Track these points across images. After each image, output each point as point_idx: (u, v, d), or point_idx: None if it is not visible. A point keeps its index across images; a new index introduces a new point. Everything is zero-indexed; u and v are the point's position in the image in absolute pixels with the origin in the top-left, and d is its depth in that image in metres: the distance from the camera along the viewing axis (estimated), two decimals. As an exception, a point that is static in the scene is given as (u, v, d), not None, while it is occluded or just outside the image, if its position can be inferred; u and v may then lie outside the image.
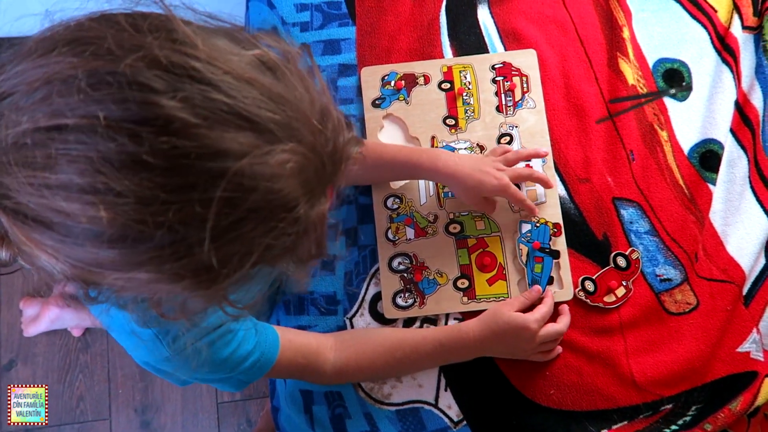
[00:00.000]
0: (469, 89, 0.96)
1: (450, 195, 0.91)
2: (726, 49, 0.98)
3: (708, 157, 0.94)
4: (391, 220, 0.91)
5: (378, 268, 0.90)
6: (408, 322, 0.89)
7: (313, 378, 0.84)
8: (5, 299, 1.50)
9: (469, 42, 0.99)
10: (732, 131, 0.96)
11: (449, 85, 0.96)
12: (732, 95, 0.96)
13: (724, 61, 0.98)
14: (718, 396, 0.87)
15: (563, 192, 0.92)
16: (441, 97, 0.96)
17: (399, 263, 0.90)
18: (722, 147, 0.94)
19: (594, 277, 0.89)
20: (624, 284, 0.89)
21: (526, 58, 0.97)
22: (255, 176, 0.41)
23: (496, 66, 0.97)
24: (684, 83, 0.97)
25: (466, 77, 0.96)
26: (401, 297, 0.89)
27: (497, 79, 0.96)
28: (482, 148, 0.93)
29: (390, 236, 0.91)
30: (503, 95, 0.95)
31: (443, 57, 0.98)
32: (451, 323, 0.88)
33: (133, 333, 0.64)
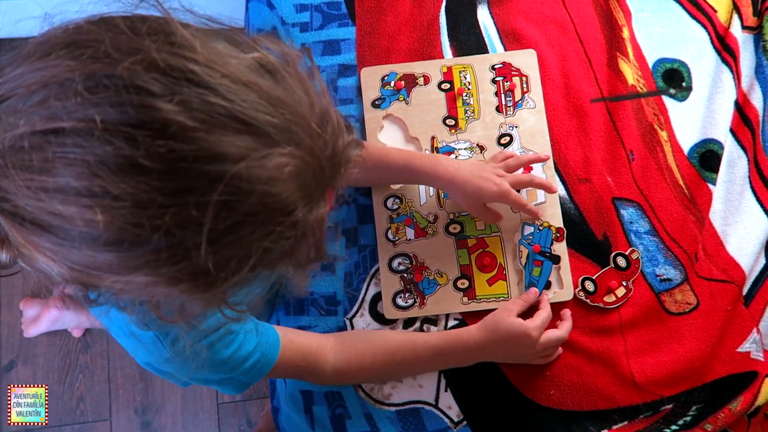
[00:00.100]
0: (469, 89, 0.96)
1: (450, 195, 0.91)
2: (726, 49, 0.98)
3: (708, 157, 0.94)
4: (391, 221, 0.91)
5: (378, 269, 0.90)
6: (408, 323, 0.89)
7: (313, 378, 0.84)
8: (6, 300, 1.50)
9: (469, 42, 0.99)
10: (732, 131, 0.96)
11: (449, 86, 0.96)
12: (732, 95, 0.96)
13: (724, 61, 0.98)
14: (719, 396, 0.87)
15: (563, 192, 0.92)
16: (441, 98, 0.96)
17: (399, 263, 0.90)
18: (722, 147, 0.94)
19: (594, 277, 0.89)
20: (624, 284, 0.89)
21: (526, 59, 0.97)
22: (252, 180, 0.41)
23: (496, 66, 0.97)
24: (684, 84, 0.97)
25: (466, 77, 0.96)
26: (401, 297, 0.89)
27: (497, 80, 0.96)
28: (482, 149, 0.93)
29: (390, 236, 0.91)
30: (503, 95, 0.95)
31: (443, 57, 0.98)
32: (451, 323, 0.89)
33: (133, 335, 0.64)
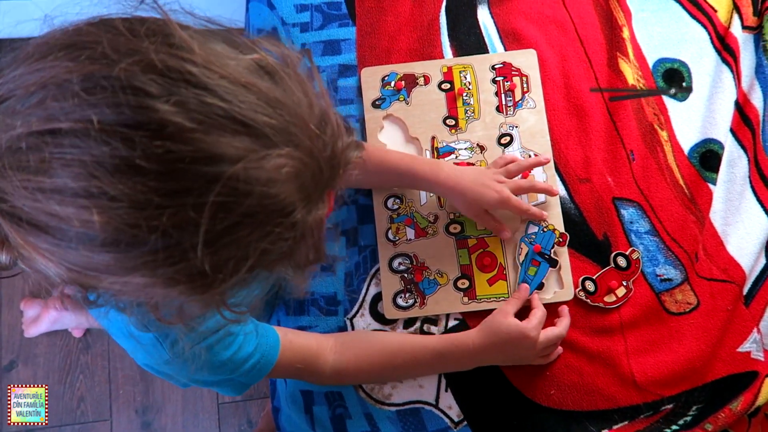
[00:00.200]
0: (469, 89, 0.96)
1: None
2: (726, 49, 0.98)
3: (708, 157, 0.94)
4: (392, 221, 0.91)
5: (378, 269, 0.90)
6: (408, 323, 0.89)
7: (313, 379, 0.84)
8: (6, 300, 1.50)
9: (469, 42, 0.99)
10: (732, 131, 0.96)
11: (449, 86, 0.96)
12: (732, 95, 0.96)
13: (724, 61, 0.98)
14: (719, 396, 0.87)
15: (563, 192, 0.92)
16: (441, 98, 0.96)
17: (399, 263, 0.90)
18: (722, 147, 0.94)
19: (594, 277, 0.89)
20: (624, 284, 0.89)
21: (526, 58, 0.97)
22: (250, 181, 0.41)
23: (496, 66, 0.97)
24: (684, 84, 0.97)
25: (466, 77, 0.96)
26: (402, 297, 0.89)
27: (497, 80, 0.96)
28: (482, 148, 0.93)
29: (390, 237, 0.91)
30: (503, 95, 0.95)
31: (443, 57, 0.98)
32: (452, 323, 0.89)
33: (132, 336, 0.64)
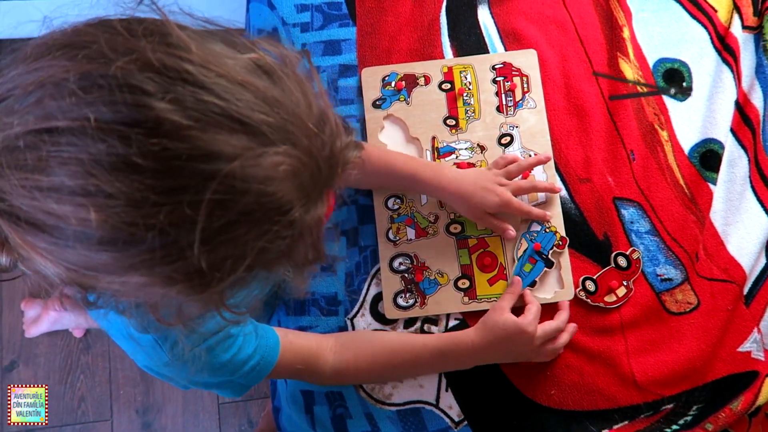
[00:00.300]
0: (470, 89, 0.96)
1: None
2: (726, 49, 0.98)
3: (708, 157, 0.94)
4: (392, 221, 0.91)
5: (379, 269, 0.90)
6: (409, 322, 0.89)
7: (313, 379, 0.84)
8: (7, 300, 1.51)
9: (470, 42, 0.99)
10: (732, 131, 0.96)
11: (450, 86, 0.96)
12: (732, 95, 0.96)
13: (725, 61, 0.98)
14: (719, 396, 0.87)
15: (564, 192, 0.92)
16: (441, 98, 0.96)
17: (400, 263, 0.90)
18: (722, 147, 0.94)
19: (595, 277, 0.89)
20: (625, 284, 0.89)
21: (527, 59, 0.97)
22: (247, 178, 0.41)
23: (497, 66, 0.97)
24: (684, 84, 0.97)
25: (467, 77, 0.96)
26: (402, 297, 0.89)
27: (498, 80, 0.96)
28: (483, 149, 0.93)
29: (391, 237, 0.91)
30: (504, 95, 0.95)
31: (444, 57, 0.98)
32: (452, 323, 0.89)
33: (132, 338, 0.64)
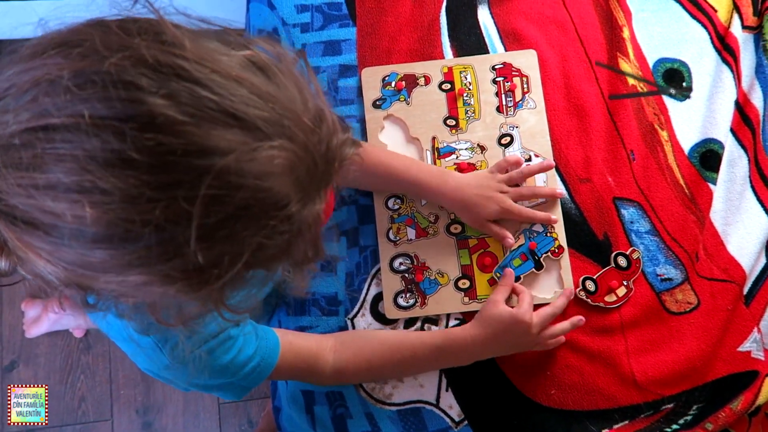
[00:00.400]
0: (470, 90, 0.96)
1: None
2: (726, 49, 0.98)
3: (708, 157, 0.94)
4: (392, 221, 0.91)
5: (379, 269, 0.90)
6: (409, 323, 0.89)
7: (313, 379, 0.84)
8: (7, 300, 1.51)
9: (470, 42, 0.99)
10: (732, 131, 0.96)
11: (450, 86, 0.96)
12: (732, 95, 0.97)
13: (724, 61, 0.98)
14: (719, 395, 0.87)
15: (564, 192, 0.92)
16: (441, 98, 0.96)
17: (400, 264, 0.90)
18: (722, 146, 0.94)
19: (595, 277, 0.89)
20: (625, 284, 0.89)
21: (527, 59, 0.97)
22: (242, 173, 0.40)
23: (497, 66, 0.97)
24: (684, 84, 0.97)
25: (467, 78, 0.96)
26: (402, 297, 0.89)
27: (497, 80, 0.96)
28: (483, 149, 0.93)
29: (391, 237, 0.91)
30: (504, 96, 0.95)
31: (444, 58, 0.98)
32: (452, 323, 0.89)
33: (132, 339, 0.64)
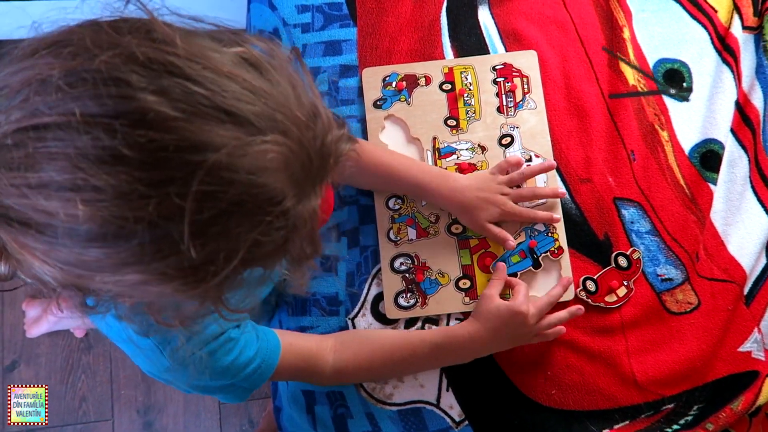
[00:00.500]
0: (470, 90, 0.96)
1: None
2: (726, 50, 0.98)
3: (709, 157, 0.94)
4: (393, 221, 0.91)
5: (380, 269, 0.91)
6: (410, 323, 0.89)
7: (314, 380, 0.84)
8: (8, 300, 1.51)
9: (470, 43, 0.99)
10: (732, 131, 0.96)
11: (450, 86, 0.96)
12: (732, 95, 0.97)
13: (725, 62, 0.98)
14: (720, 395, 0.87)
15: (565, 191, 0.92)
16: (442, 98, 0.96)
17: (401, 264, 0.90)
18: (723, 147, 0.94)
19: (595, 277, 0.89)
20: (625, 284, 0.89)
21: (527, 59, 0.97)
22: (235, 168, 0.40)
23: (497, 67, 0.97)
24: (684, 84, 0.97)
25: (467, 78, 0.96)
26: (403, 297, 0.89)
27: (498, 80, 0.96)
28: (483, 149, 0.94)
29: (392, 237, 0.91)
30: (504, 96, 0.96)
31: (444, 58, 0.98)
32: (453, 323, 0.89)
33: (131, 340, 0.64)
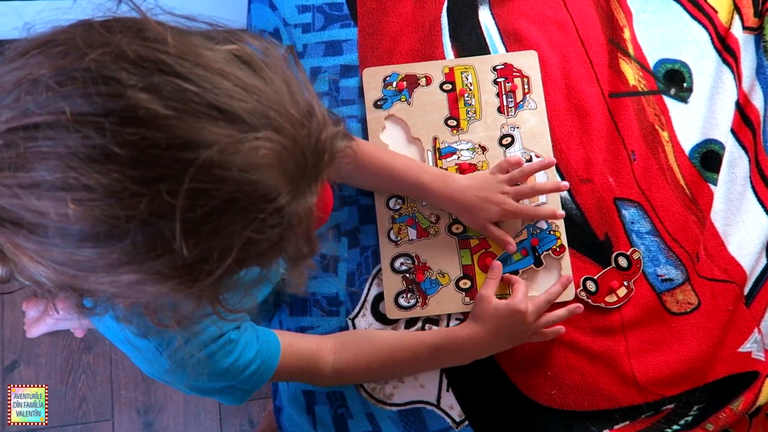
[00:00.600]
0: (471, 90, 0.96)
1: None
2: (726, 50, 0.98)
3: (709, 158, 0.94)
4: (393, 221, 0.91)
5: (380, 269, 0.91)
6: (410, 323, 0.89)
7: (314, 380, 0.84)
8: (8, 300, 1.51)
9: (471, 43, 0.99)
10: (733, 131, 0.96)
11: (451, 86, 0.96)
12: (733, 96, 0.97)
13: (725, 62, 0.98)
14: (720, 396, 0.87)
15: (565, 192, 0.92)
16: (443, 98, 0.96)
17: (401, 264, 0.90)
18: (723, 147, 0.95)
19: (595, 277, 0.89)
20: (625, 284, 0.89)
21: (527, 59, 0.97)
22: (227, 165, 0.40)
23: (498, 67, 0.97)
24: (684, 85, 0.97)
25: (468, 78, 0.96)
26: (403, 297, 0.89)
27: (498, 81, 0.96)
28: (484, 149, 0.94)
29: (392, 237, 0.91)
30: (504, 96, 0.96)
31: (445, 58, 0.98)
32: (453, 323, 0.89)
33: (129, 342, 0.64)
